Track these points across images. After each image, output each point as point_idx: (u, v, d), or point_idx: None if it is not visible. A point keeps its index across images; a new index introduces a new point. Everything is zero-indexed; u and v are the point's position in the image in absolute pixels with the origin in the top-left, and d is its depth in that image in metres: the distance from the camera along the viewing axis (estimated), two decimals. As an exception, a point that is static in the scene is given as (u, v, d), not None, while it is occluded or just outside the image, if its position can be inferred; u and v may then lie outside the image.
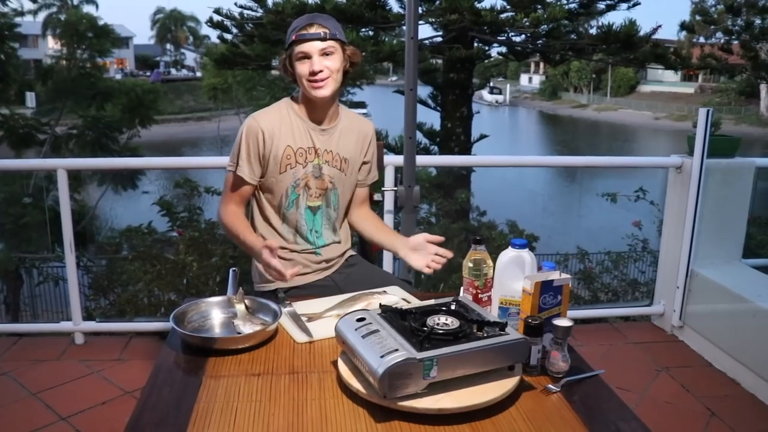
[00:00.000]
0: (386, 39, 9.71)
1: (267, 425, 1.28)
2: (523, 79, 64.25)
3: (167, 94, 35.25)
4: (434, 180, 8.18)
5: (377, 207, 2.77)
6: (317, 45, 1.93)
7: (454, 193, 7.27)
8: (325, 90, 1.97)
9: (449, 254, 1.96)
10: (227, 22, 10.30)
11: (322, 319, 1.75)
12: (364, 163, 2.18)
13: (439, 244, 1.98)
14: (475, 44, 10.30)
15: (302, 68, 1.95)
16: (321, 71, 1.94)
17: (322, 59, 1.94)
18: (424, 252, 1.99)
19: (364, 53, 8.35)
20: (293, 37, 1.94)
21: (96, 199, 13.05)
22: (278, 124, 2.02)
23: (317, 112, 2.05)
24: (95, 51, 16.79)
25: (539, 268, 1.63)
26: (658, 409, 2.85)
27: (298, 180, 2.04)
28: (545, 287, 1.53)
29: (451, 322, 1.44)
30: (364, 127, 2.17)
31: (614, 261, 5.25)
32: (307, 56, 1.94)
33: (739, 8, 13.09)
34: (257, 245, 1.92)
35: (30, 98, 17.32)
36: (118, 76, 36.38)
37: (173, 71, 53.35)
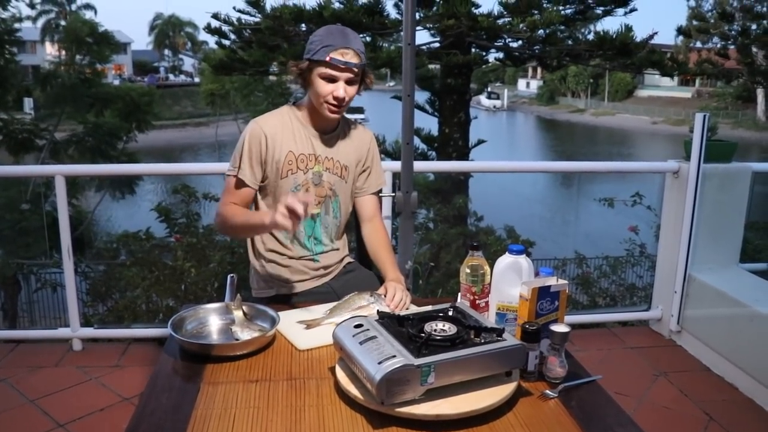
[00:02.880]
0: (384, 45, 9.72)
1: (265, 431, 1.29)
2: (521, 84, 64.40)
3: (165, 100, 35.29)
4: (432, 185, 8.19)
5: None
6: (347, 74, 1.92)
7: (451, 198, 7.28)
8: (339, 115, 2.01)
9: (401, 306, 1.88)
10: (225, 28, 10.30)
11: (320, 326, 1.75)
12: (363, 170, 2.18)
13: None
14: (473, 50, 10.31)
15: (325, 88, 1.93)
16: (344, 98, 1.95)
17: (346, 86, 1.94)
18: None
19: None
20: (327, 58, 1.89)
21: (94, 204, 13.05)
22: (280, 129, 2.03)
23: (320, 120, 2.05)
24: (95, 57, 16.82)
25: (536, 274, 1.63)
26: (657, 414, 2.85)
27: (299, 186, 2.04)
28: (542, 293, 1.53)
29: (449, 328, 1.44)
30: (362, 135, 2.17)
31: (612, 266, 5.26)
32: (333, 80, 1.93)
33: (732, 15, 13.16)
34: (268, 213, 1.87)
35: (28, 104, 17.32)
36: (116, 82, 36.41)
37: (171, 77, 53.38)
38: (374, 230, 2.17)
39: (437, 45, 10.16)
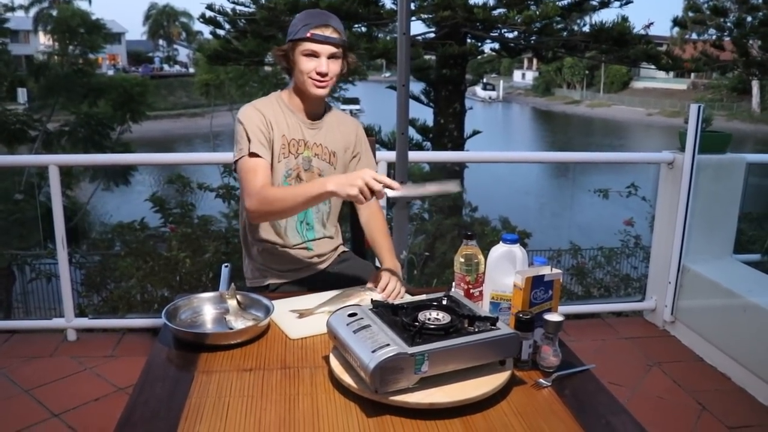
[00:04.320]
0: (379, 35, 9.70)
1: (259, 420, 1.29)
2: (517, 75, 64.32)
3: (160, 90, 35.15)
4: (427, 176, 8.18)
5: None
6: (329, 48, 1.95)
7: (446, 189, 7.25)
8: (324, 90, 2.00)
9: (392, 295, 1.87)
10: (220, 18, 10.27)
11: (314, 315, 1.75)
12: (353, 156, 2.18)
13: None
14: (468, 41, 10.30)
15: (308, 64, 1.96)
16: (326, 74, 1.97)
17: (329, 62, 1.97)
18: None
19: (357, 50, 8.36)
20: (308, 34, 1.93)
21: (88, 195, 13.01)
22: (273, 113, 2.03)
23: (307, 106, 2.07)
24: (87, 47, 16.71)
25: (530, 264, 1.63)
26: (650, 404, 2.87)
27: (291, 170, 2.05)
28: (536, 282, 1.53)
29: (443, 317, 1.44)
30: (348, 122, 2.19)
31: (606, 256, 5.26)
32: (315, 55, 1.96)
33: (725, 11, 13.15)
34: (322, 179, 1.92)
35: (21, 94, 17.24)
36: (111, 72, 36.22)
37: (166, 67, 53.14)
38: (372, 215, 2.18)
39: (433, 35, 10.15)
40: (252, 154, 1.95)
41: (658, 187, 3.65)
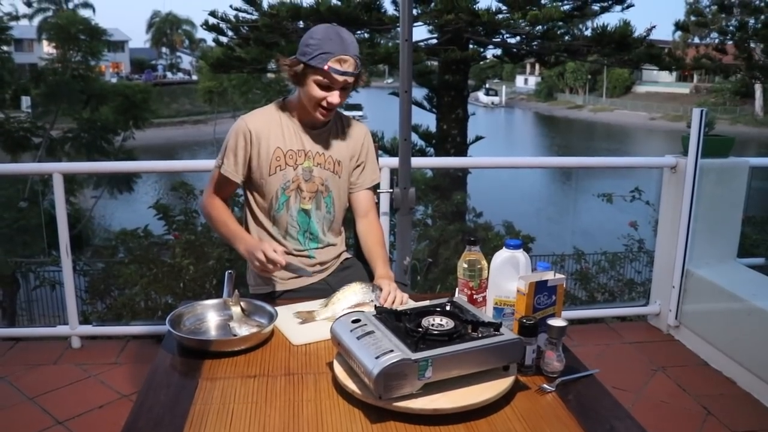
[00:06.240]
0: (382, 41, 9.72)
1: (263, 427, 1.29)
2: (519, 80, 64.31)
3: (163, 98, 35.22)
4: (430, 182, 8.20)
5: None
6: (344, 81, 1.91)
7: (450, 194, 7.29)
8: (329, 117, 2.01)
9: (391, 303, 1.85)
10: (222, 25, 10.31)
11: (317, 321, 1.75)
12: (357, 165, 2.17)
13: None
14: (470, 46, 10.31)
15: (319, 93, 1.92)
16: (338, 104, 1.95)
17: (340, 92, 1.94)
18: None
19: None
20: (325, 67, 1.86)
21: (92, 202, 13.03)
22: (268, 125, 2.02)
23: (310, 116, 2.04)
24: (87, 53, 16.70)
25: (534, 269, 1.63)
26: (655, 409, 2.86)
27: (289, 182, 2.04)
28: (540, 287, 1.53)
29: (446, 323, 1.44)
30: (356, 130, 2.16)
31: (610, 261, 5.27)
32: (329, 86, 1.92)
33: (731, 7, 13.15)
34: (245, 237, 2.00)
35: (25, 102, 17.27)
36: (114, 80, 36.30)
37: (169, 75, 53.26)
38: (369, 226, 2.17)
39: (435, 41, 10.17)
40: (221, 174, 2.05)
41: (662, 191, 3.65)
